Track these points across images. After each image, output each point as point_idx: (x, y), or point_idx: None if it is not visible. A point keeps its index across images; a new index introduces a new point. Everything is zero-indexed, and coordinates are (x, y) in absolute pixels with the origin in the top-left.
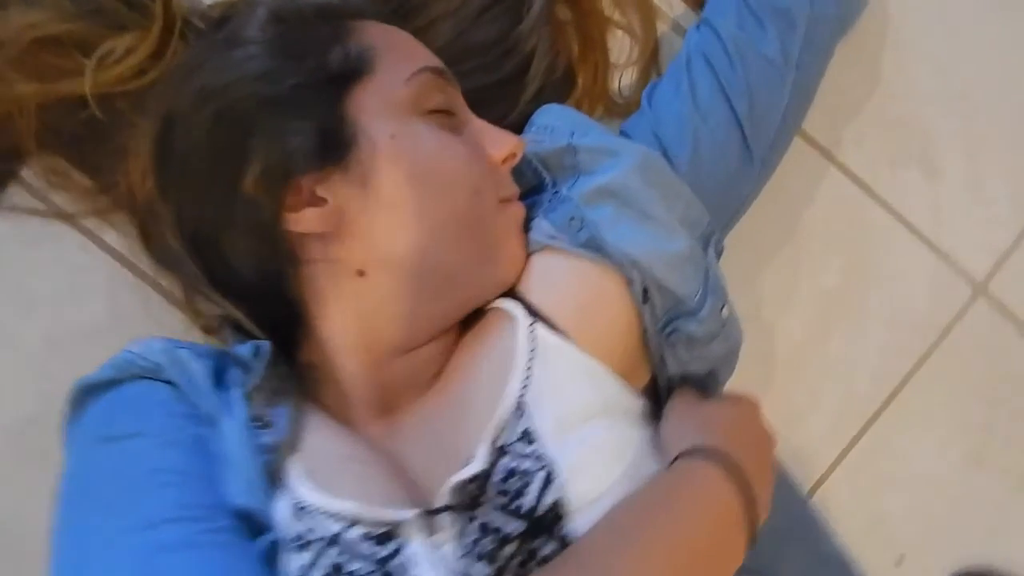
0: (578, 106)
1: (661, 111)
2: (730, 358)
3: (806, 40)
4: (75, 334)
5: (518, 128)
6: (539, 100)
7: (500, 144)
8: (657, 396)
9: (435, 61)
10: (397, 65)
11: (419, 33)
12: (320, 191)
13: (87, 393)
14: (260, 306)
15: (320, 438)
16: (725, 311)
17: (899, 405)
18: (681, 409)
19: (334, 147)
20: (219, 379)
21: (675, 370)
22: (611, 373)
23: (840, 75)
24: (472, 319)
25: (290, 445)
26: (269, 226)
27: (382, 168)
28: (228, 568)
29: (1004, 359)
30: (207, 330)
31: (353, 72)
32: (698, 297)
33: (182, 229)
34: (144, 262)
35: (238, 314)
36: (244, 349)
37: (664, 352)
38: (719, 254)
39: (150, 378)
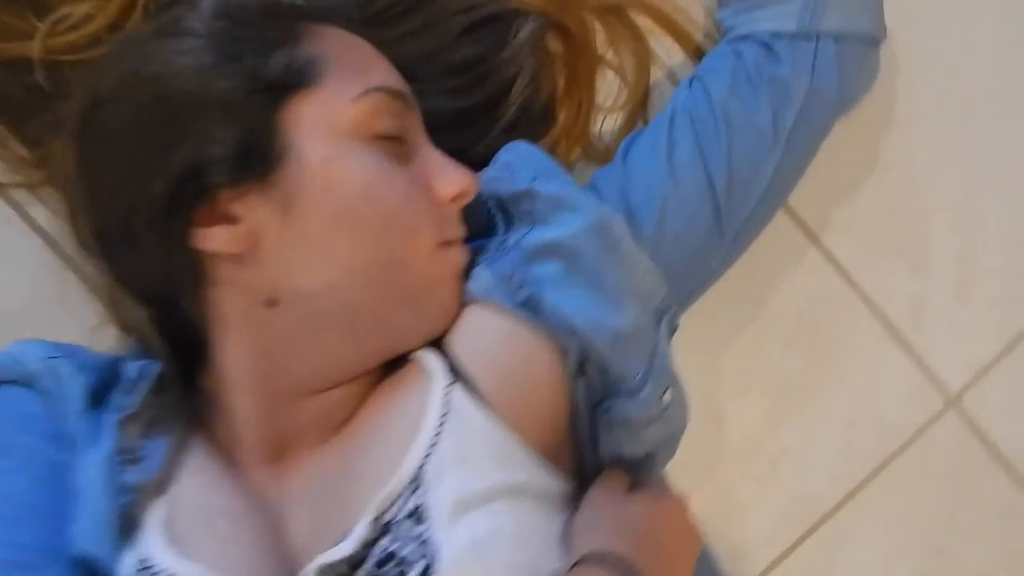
0: (554, 146)
1: (634, 168)
2: (670, 442)
3: (801, 114)
4: None
5: (482, 161)
6: (512, 134)
7: (450, 181)
8: (586, 476)
9: (394, 81)
10: (348, 80)
11: (394, 44)
12: (236, 208)
13: None
14: (164, 316)
15: (194, 482)
16: (668, 395)
17: (849, 512)
18: (599, 501)
19: (258, 161)
20: (102, 397)
21: (608, 451)
22: (529, 450)
23: (838, 153)
24: (394, 365)
25: (157, 487)
26: (175, 239)
27: (308, 193)
28: None
29: (967, 479)
30: (125, 329)
31: (295, 82)
32: (639, 377)
33: (91, 217)
34: (71, 245)
35: (143, 319)
36: (133, 368)
37: (597, 431)
38: (672, 331)
39: (25, 385)
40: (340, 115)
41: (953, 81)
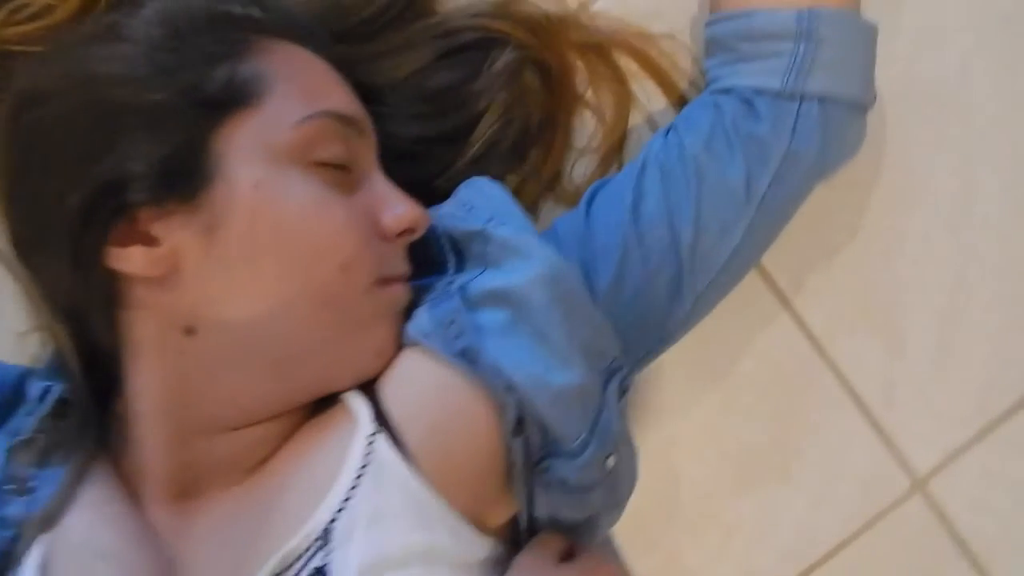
0: (522, 184)
1: (597, 216)
2: (615, 508)
3: (777, 177)
4: None
5: (444, 194)
6: (478, 167)
7: (398, 215)
8: (521, 538)
9: (346, 106)
10: (292, 102)
11: (365, 63)
12: (156, 229)
13: None
14: (81, 332)
15: (84, 518)
16: (612, 460)
17: None
18: (526, 568)
19: (183, 181)
20: (2, 417)
21: (544, 512)
22: (452, 512)
23: (818, 217)
24: (323, 402)
25: (43, 522)
26: (88, 256)
27: (236, 218)
28: None
29: (929, 568)
30: (49, 339)
31: (233, 100)
32: (580, 441)
33: (9, 219)
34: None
35: (61, 332)
36: (37, 388)
37: (534, 491)
38: (624, 392)
39: None
40: (279, 138)
41: (949, 153)
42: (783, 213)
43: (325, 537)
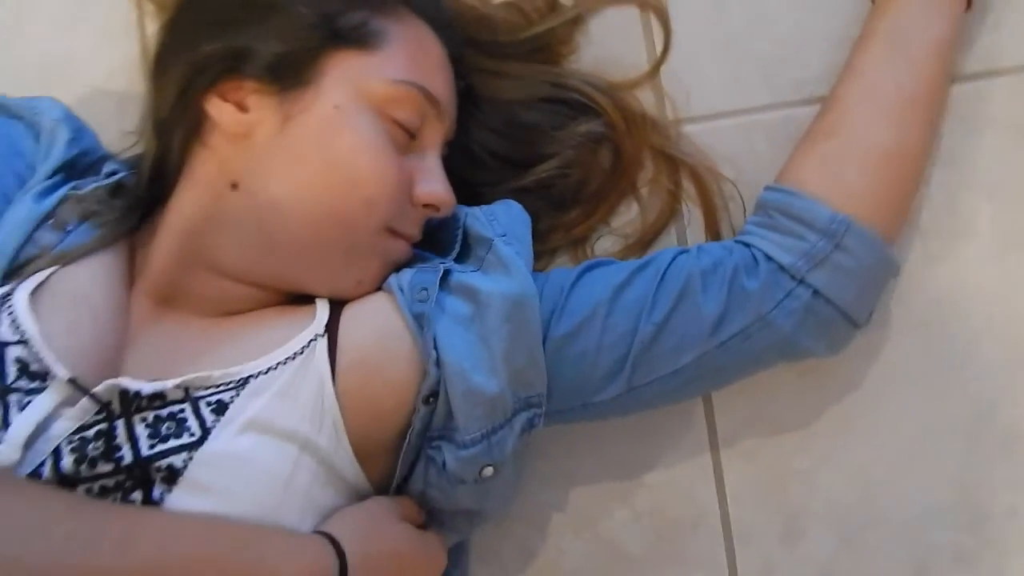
0: (552, 230)
1: (585, 281)
2: (475, 516)
3: (745, 331)
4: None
5: (481, 200)
6: (522, 196)
7: (431, 190)
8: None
9: (438, 89)
10: (398, 64)
11: (482, 73)
12: (251, 100)
13: None
14: (164, 153)
15: (88, 273)
16: (488, 471)
17: None
18: (372, 508)
19: (287, 77)
20: (75, 172)
21: (417, 486)
22: (343, 430)
23: (784, 390)
24: (303, 299)
25: (60, 257)
26: (193, 93)
27: (309, 122)
28: None
29: None
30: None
31: (355, 39)
32: (471, 437)
33: (159, 39)
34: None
35: (151, 145)
36: (110, 166)
37: (417, 459)
38: (530, 427)
39: (31, 129)
40: (370, 84)
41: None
42: (739, 366)
43: (240, 384)
